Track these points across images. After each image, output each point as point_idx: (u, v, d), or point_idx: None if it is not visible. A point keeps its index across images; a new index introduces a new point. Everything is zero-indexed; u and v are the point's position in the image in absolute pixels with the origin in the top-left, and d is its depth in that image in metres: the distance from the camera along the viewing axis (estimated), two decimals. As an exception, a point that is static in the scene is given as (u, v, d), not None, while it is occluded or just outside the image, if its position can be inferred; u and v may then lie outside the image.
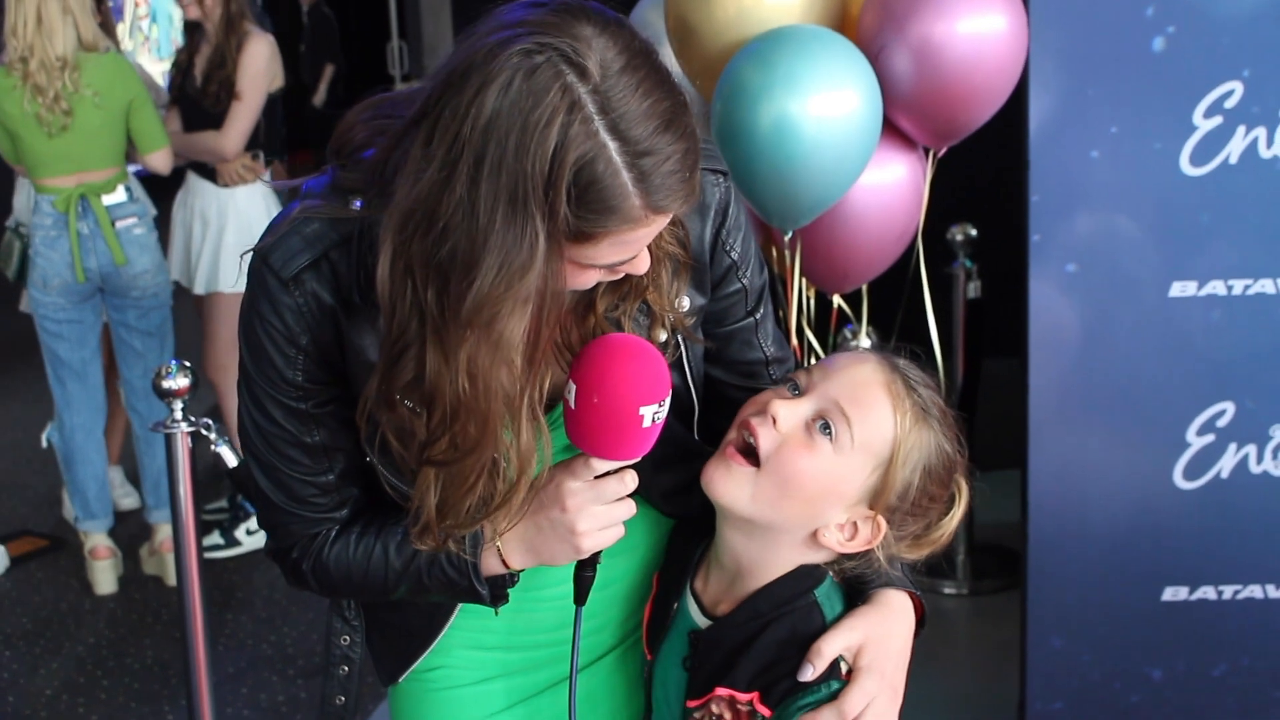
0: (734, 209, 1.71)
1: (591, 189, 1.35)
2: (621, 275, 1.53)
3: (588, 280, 1.49)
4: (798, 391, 1.64)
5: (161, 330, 4.86)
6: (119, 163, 4.68)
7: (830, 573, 1.67)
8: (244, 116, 5.03)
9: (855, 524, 1.63)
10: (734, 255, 1.72)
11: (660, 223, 1.43)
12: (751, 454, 1.62)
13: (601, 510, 1.58)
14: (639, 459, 1.57)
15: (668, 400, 1.54)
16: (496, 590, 1.67)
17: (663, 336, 1.65)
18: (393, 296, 1.43)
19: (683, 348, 1.70)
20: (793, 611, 1.64)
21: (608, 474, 1.58)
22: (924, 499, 1.64)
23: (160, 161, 4.76)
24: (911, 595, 1.70)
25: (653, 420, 1.52)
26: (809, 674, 1.59)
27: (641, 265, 1.51)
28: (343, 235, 1.54)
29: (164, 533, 4.90)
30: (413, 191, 1.38)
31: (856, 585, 1.69)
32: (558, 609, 1.75)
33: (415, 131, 1.40)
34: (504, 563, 1.64)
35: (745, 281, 1.75)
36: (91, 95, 4.53)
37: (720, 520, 1.68)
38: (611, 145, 1.35)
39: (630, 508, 1.61)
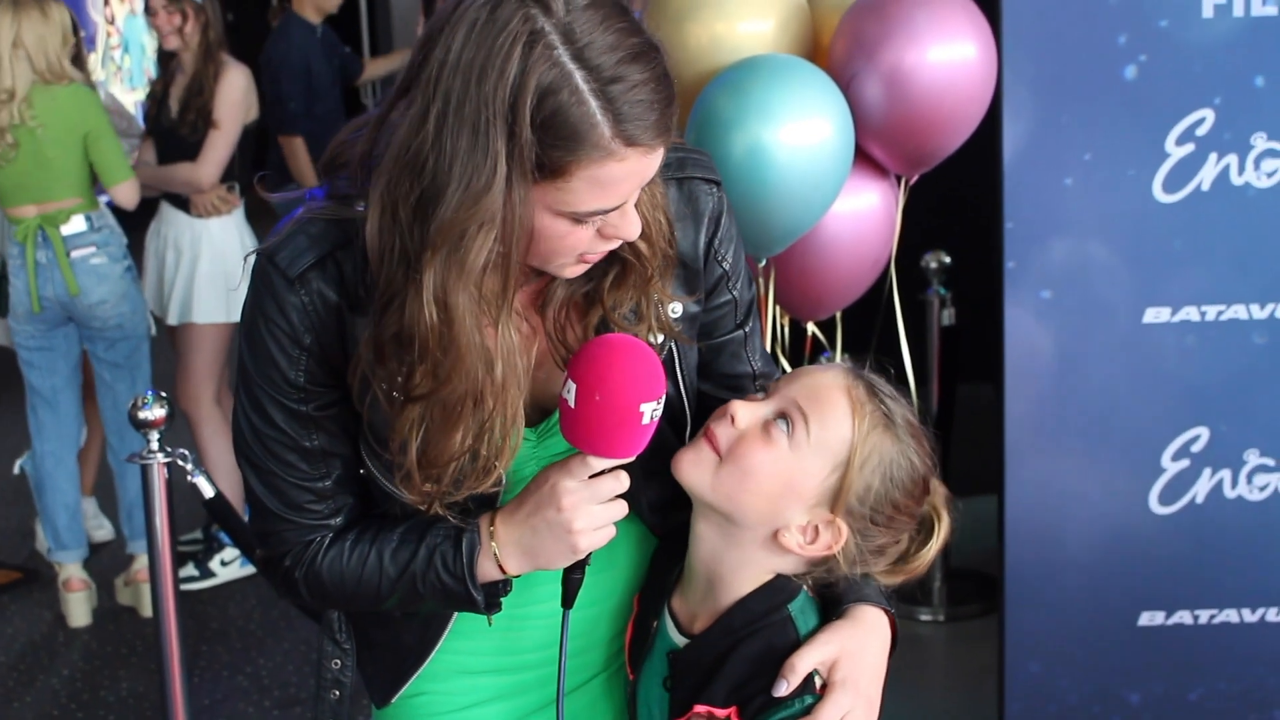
0: (726, 220, 1.73)
1: (557, 116, 1.38)
2: (613, 244, 1.54)
3: (576, 240, 1.50)
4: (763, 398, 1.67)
5: (131, 362, 4.82)
6: (81, 194, 4.64)
7: (805, 588, 1.68)
8: (221, 145, 5.01)
9: (816, 527, 1.64)
10: (725, 266, 1.74)
11: (635, 163, 1.44)
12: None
13: (598, 509, 1.59)
14: (633, 458, 1.59)
15: (663, 398, 1.56)
16: (491, 598, 1.67)
17: (657, 339, 1.66)
18: (381, 248, 1.47)
19: (676, 354, 1.71)
20: (767, 626, 1.64)
21: (603, 473, 1.59)
22: (889, 508, 1.64)
23: (125, 194, 4.69)
24: (886, 611, 1.70)
25: (650, 418, 1.55)
26: (783, 689, 1.59)
27: (630, 227, 1.52)
28: (347, 235, 1.56)
29: (140, 563, 4.88)
30: (396, 144, 1.43)
31: (831, 602, 1.69)
32: (545, 627, 1.76)
33: (400, 101, 1.45)
34: (500, 568, 1.64)
35: (736, 294, 1.76)
36: (38, 128, 4.51)
37: (693, 517, 1.70)
38: (577, 73, 1.38)
39: (623, 508, 1.62)
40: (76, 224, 4.64)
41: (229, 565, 5.18)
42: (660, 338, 1.67)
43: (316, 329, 1.57)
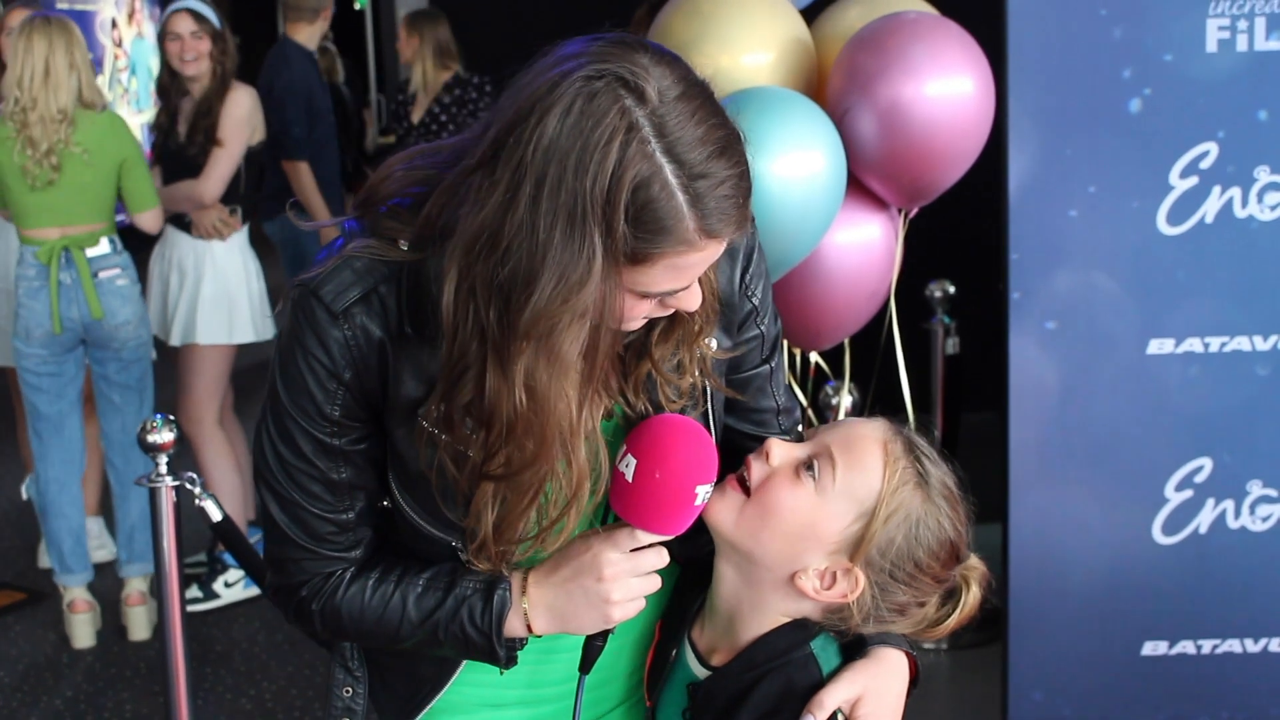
0: (757, 256, 1.76)
1: (648, 209, 1.39)
2: (670, 311, 1.57)
3: (640, 312, 1.52)
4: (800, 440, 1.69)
5: (141, 384, 4.84)
6: (105, 218, 4.68)
7: (824, 628, 1.69)
8: (224, 162, 5.03)
9: (834, 574, 1.65)
10: (755, 300, 1.76)
11: (713, 251, 1.47)
12: (747, 487, 1.66)
13: (636, 582, 1.62)
14: (675, 536, 1.62)
15: (715, 481, 1.60)
16: (510, 653, 1.69)
17: (690, 380, 1.68)
18: (456, 320, 1.47)
19: (709, 397, 1.73)
20: (789, 663, 1.66)
21: (646, 547, 1.62)
22: (910, 566, 1.66)
23: (149, 221, 4.76)
24: (907, 654, 1.72)
25: (702, 500, 1.59)
26: None
27: (692, 300, 1.54)
28: (391, 272, 1.57)
29: (132, 586, 4.89)
30: (477, 218, 1.43)
31: (854, 642, 1.71)
32: (573, 661, 1.76)
33: (478, 173, 1.45)
34: (528, 627, 1.66)
35: (763, 328, 1.78)
36: (81, 153, 4.54)
37: (716, 556, 1.71)
38: (668, 167, 1.39)
39: (657, 582, 1.65)
40: (102, 246, 4.67)
41: (233, 587, 5.19)
42: (693, 378, 1.69)
43: (356, 364, 1.58)
